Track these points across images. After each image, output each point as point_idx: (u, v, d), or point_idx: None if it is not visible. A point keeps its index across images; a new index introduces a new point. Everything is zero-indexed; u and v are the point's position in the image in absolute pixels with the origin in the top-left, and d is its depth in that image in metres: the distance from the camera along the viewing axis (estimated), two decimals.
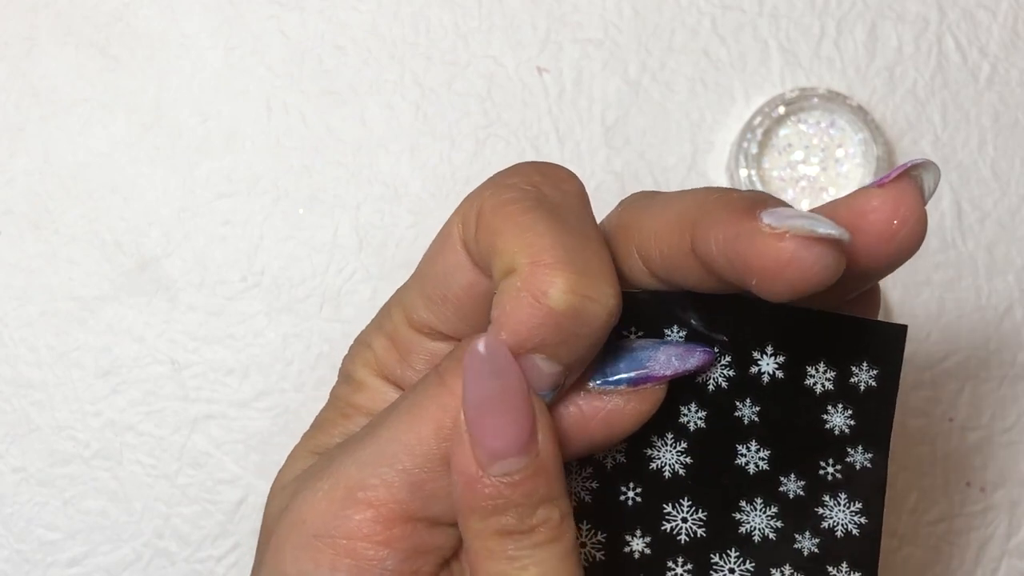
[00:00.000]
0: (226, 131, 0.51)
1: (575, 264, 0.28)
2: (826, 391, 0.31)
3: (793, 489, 0.32)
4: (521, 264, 0.28)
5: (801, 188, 0.51)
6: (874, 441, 0.32)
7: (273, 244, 0.51)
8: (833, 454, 0.31)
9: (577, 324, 0.28)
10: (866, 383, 0.31)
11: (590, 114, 0.51)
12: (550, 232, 0.28)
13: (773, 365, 0.31)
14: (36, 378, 0.50)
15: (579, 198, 0.31)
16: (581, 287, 0.28)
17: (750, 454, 0.32)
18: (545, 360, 0.28)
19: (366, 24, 0.51)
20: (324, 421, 0.35)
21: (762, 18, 0.51)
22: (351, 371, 0.34)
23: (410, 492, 0.30)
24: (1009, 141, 0.52)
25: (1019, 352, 0.52)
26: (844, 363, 0.31)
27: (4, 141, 0.50)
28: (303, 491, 0.31)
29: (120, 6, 0.51)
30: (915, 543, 0.51)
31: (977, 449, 0.52)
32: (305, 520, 0.31)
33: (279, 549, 0.31)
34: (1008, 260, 0.52)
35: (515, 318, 0.28)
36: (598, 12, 0.51)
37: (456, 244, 0.31)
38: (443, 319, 0.32)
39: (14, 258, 0.50)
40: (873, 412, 0.32)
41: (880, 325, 0.31)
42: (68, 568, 0.50)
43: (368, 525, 0.30)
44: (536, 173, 0.30)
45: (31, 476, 0.50)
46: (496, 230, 0.29)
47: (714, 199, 0.29)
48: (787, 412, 0.31)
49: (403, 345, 0.33)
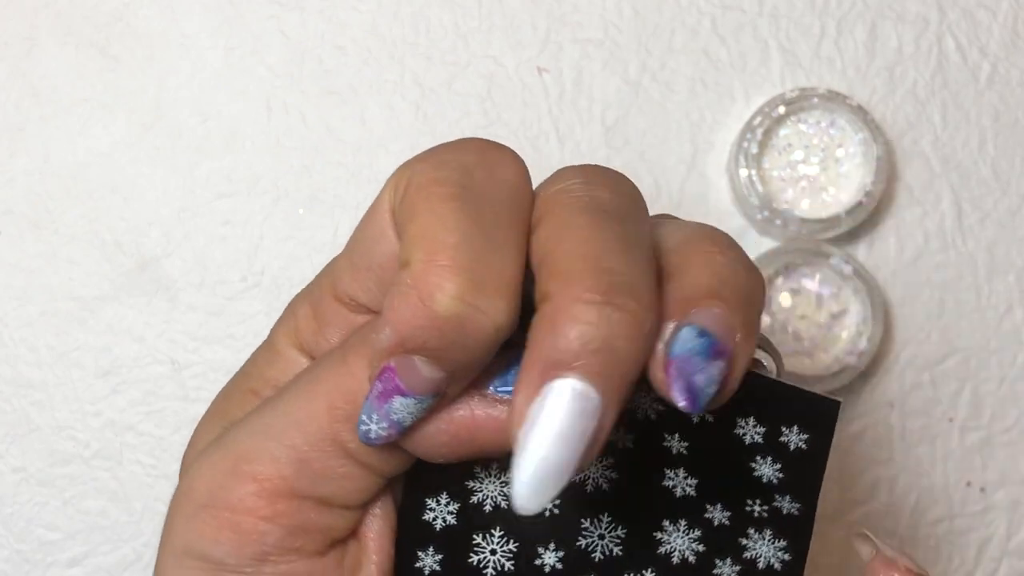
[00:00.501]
0: (226, 131, 0.51)
1: (472, 270, 0.27)
2: (755, 443, 0.31)
3: (719, 518, 0.31)
4: (416, 260, 0.27)
5: (801, 188, 0.51)
6: (802, 496, 0.31)
7: (273, 244, 0.51)
8: (760, 496, 0.31)
9: (461, 334, 0.27)
10: (796, 444, 0.31)
11: (590, 114, 0.51)
12: (459, 229, 0.27)
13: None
14: (36, 378, 0.50)
15: (511, 190, 0.29)
16: (471, 295, 0.27)
17: (677, 479, 0.31)
18: (426, 363, 0.27)
19: (366, 24, 0.51)
20: (237, 390, 0.33)
21: (762, 18, 0.51)
22: (274, 337, 0.33)
23: (296, 469, 0.30)
24: (1009, 141, 0.52)
25: (1019, 352, 0.52)
26: (775, 423, 0.31)
27: (4, 141, 0.50)
28: (197, 460, 0.31)
29: (120, 6, 0.51)
30: (915, 543, 0.51)
31: (977, 449, 0.52)
32: (194, 489, 0.30)
33: (171, 518, 0.31)
34: (1008, 260, 0.52)
35: (399, 316, 0.27)
36: (598, 12, 0.51)
37: (385, 212, 0.30)
38: (365, 289, 0.31)
39: (14, 258, 0.50)
40: (802, 471, 0.31)
41: (815, 397, 0.30)
42: (68, 568, 0.50)
43: (251, 499, 0.30)
44: (474, 154, 0.29)
45: (31, 476, 0.50)
46: (412, 211, 0.28)
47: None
48: (716, 452, 0.31)
49: (323, 315, 0.32)
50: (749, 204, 0.50)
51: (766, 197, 0.50)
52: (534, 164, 0.51)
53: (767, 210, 0.50)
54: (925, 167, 0.51)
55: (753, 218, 0.50)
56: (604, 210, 0.28)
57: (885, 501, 0.51)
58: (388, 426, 0.28)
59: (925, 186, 0.51)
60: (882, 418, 0.51)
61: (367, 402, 0.28)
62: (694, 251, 0.29)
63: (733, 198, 0.51)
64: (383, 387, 0.28)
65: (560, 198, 0.29)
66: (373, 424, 0.28)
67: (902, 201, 0.51)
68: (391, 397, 0.28)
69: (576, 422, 0.26)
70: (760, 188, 0.50)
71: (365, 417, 0.29)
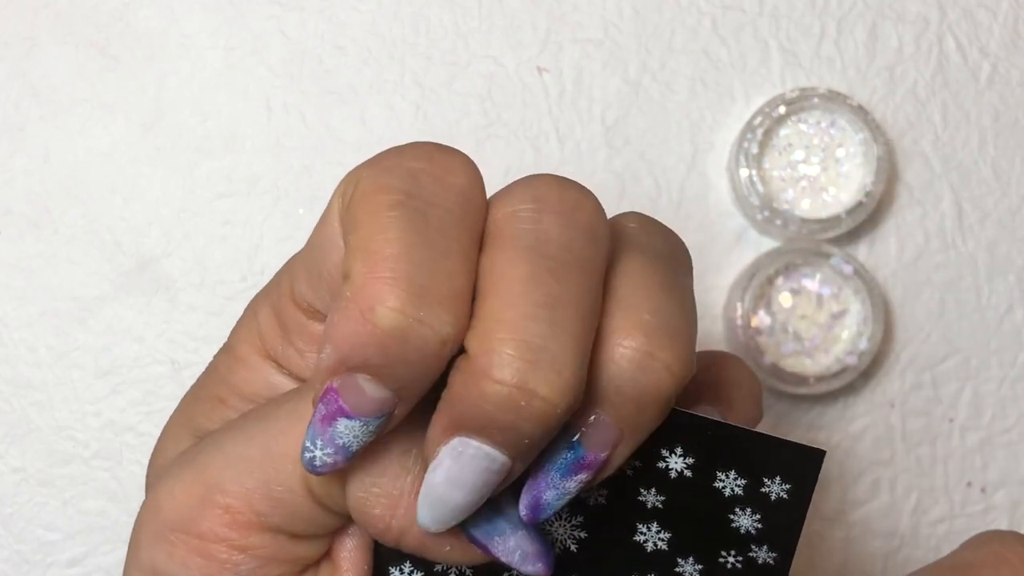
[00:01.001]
0: (226, 131, 0.51)
1: (414, 282, 0.26)
2: (735, 495, 0.30)
3: (689, 571, 0.31)
4: (357, 272, 0.26)
5: (801, 188, 0.51)
6: (780, 545, 0.30)
7: (273, 244, 0.51)
8: (736, 547, 0.30)
9: (404, 348, 0.26)
10: (777, 495, 0.30)
11: (590, 114, 0.51)
12: (401, 239, 0.26)
13: (682, 464, 0.30)
14: (36, 378, 0.50)
15: (460, 197, 0.28)
16: (412, 308, 0.25)
17: (650, 533, 0.30)
18: (370, 382, 0.26)
19: (366, 24, 0.51)
20: (203, 396, 0.32)
21: (762, 18, 0.51)
22: (234, 343, 0.32)
23: (270, 506, 0.29)
24: (1010, 141, 0.52)
25: (1020, 352, 0.52)
26: (756, 475, 0.30)
27: (4, 141, 0.50)
28: (166, 476, 0.30)
29: (120, 6, 0.51)
30: (915, 544, 0.51)
31: (978, 449, 0.52)
32: (162, 508, 0.29)
33: (137, 531, 0.30)
34: (1009, 260, 0.52)
35: (339, 332, 0.26)
36: (598, 12, 0.51)
37: (334, 219, 0.29)
38: (319, 296, 0.30)
39: (14, 258, 0.50)
40: (782, 520, 0.30)
41: (798, 448, 0.30)
42: (68, 568, 0.50)
43: (223, 530, 0.29)
44: (422, 159, 0.28)
45: (31, 476, 0.50)
46: (355, 220, 0.27)
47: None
48: (693, 505, 0.30)
49: (285, 321, 0.31)
50: (749, 204, 0.50)
51: (766, 197, 0.50)
52: (534, 164, 0.51)
53: (767, 210, 0.50)
54: (925, 167, 0.51)
55: (753, 218, 0.50)
56: (547, 256, 0.27)
57: (885, 501, 0.51)
58: (334, 452, 0.27)
59: (925, 186, 0.51)
60: (882, 418, 0.51)
61: (310, 426, 0.27)
62: (613, 330, 0.27)
63: (733, 198, 0.51)
64: (326, 409, 0.27)
65: (506, 227, 0.27)
66: (318, 451, 0.27)
67: (902, 201, 0.51)
68: (335, 420, 0.27)
69: (479, 476, 0.27)
70: (760, 188, 0.50)
71: (309, 443, 0.27)
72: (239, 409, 0.32)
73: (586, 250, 0.27)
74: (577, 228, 0.27)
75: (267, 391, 0.31)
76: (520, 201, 0.28)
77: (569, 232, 0.27)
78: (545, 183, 0.28)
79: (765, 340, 0.50)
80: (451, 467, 0.26)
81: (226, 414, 0.32)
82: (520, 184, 0.29)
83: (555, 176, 0.29)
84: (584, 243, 0.27)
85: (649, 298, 0.28)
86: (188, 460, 0.30)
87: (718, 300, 0.51)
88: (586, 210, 0.28)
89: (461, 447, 0.26)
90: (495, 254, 0.27)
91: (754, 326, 0.50)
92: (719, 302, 0.51)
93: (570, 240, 0.27)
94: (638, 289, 0.28)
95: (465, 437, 0.26)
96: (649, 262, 0.29)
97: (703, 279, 0.51)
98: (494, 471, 0.27)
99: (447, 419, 0.26)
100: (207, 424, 0.32)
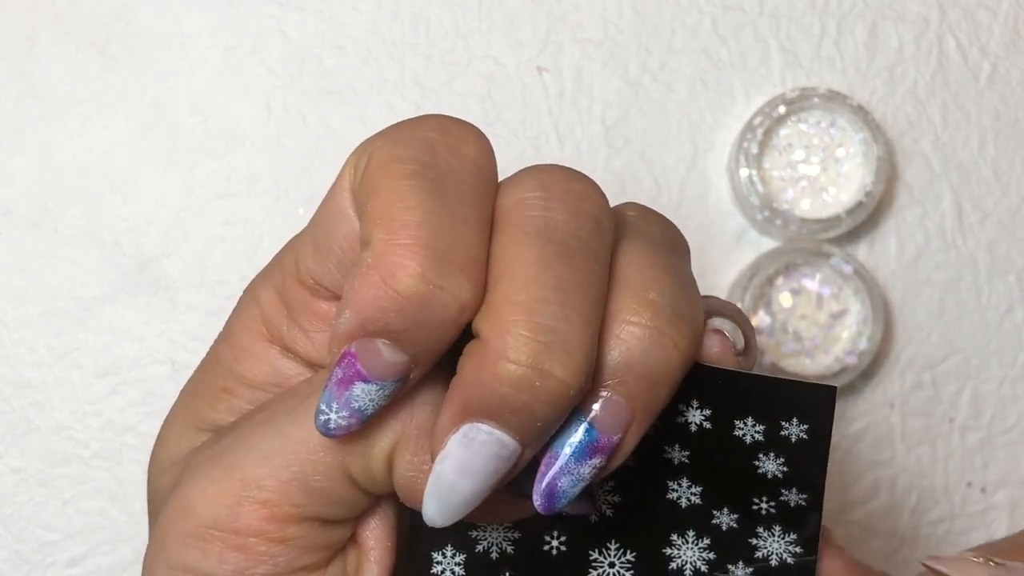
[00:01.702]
0: (226, 131, 0.51)
1: (434, 248, 0.26)
2: (756, 442, 0.31)
3: (726, 522, 0.31)
4: (377, 239, 0.26)
5: (801, 188, 0.51)
6: (808, 486, 0.31)
7: (273, 244, 0.51)
8: (767, 493, 0.31)
9: (424, 314, 0.26)
10: (797, 435, 0.31)
11: (590, 114, 0.51)
12: (420, 207, 0.26)
13: (700, 417, 0.30)
14: (36, 378, 0.50)
15: (474, 167, 0.28)
16: (433, 274, 0.26)
17: (681, 489, 0.31)
18: (388, 346, 0.27)
19: (366, 24, 0.51)
20: (206, 389, 0.32)
21: (762, 18, 0.51)
22: (236, 331, 0.32)
23: (308, 496, 0.29)
24: (1010, 141, 0.52)
25: (1020, 352, 0.52)
26: (773, 419, 0.30)
27: (4, 141, 0.50)
28: (194, 476, 0.30)
29: (120, 6, 0.51)
30: (916, 544, 0.51)
31: (978, 449, 0.52)
32: (195, 508, 0.29)
33: (165, 532, 0.30)
34: (1009, 260, 0.52)
35: (360, 297, 0.26)
36: (598, 12, 0.51)
37: (345, 191, 0.29)
38: (327, 271, 0.30)
39: (14, 258, 0.50)
40: (806, 461, 0.31)
41: (808, 386, 0.30)
42: (67, 568, 0.50)
43: (261, 524, 0.29)
44: (436, 130, 0.28)
45: (30, 476, 0.50)
46: (372, 189, 0.27)
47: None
48: (718, 456, 0.31)
49: (291, 301, 0.31)
50: (749, 204, 0.50)
51: (766, 197, 0.50)
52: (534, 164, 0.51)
53: (767, 210, 0.50)
54: (925, 167, 0.51)
55: (753, 218, 0.50)
56: (555, 241, 0.27)
57: (885, 501, 0.51)
58: (349, 415, 0.27)
59: (925, 186, 0.51)
60: (882, 418, 0.51)
61: (326, 390, 0.27)
62: (620, 309, 0.28)
63: (733, 198, 0.51)
64: (343, 373, 0.27)
65: (515, 214, 0.28)
66: (333, 414, 0.27)
67: (902, 201, 0.51)
68: (352, 383, 0.27)
69: (489, 463, 0.27)
70: (760, 188, 0.50)
71: (324, 406, 0.27)
72: (248, 398, 0.32)
73: (593, 237, 0.28)
74: (583, 216, 0.28)
75: (275, 377, 0.32)
76: (528, 189, 0.28)
77: (576, 220, 0.28)
78: (551, 173, 0.29)
79: (765, 340, 0.50)
80: (461, 456, 0.27)
81: (234, 404, 0.32)
82: (527, 173, 0.29)
83: (561, 166, 0.29)
84: (591, 230, 0.28)
85: (655, 279, 0.28)
86: (213, 459, 0.30)
87: None
88: (592, 199, 0.29)
89: (472, 433, 0.27)
90: (505, 239, 0.27)
91: (754, 326, 0.50)
92: None
93: (577, 227, 0.28)
94: (643, 271, 0.28)
95: (476, 423, 0.27)
96: (651, 247, 0.29)
97: (703, 279, 0.51)
98: (504, 457, 0.27)
99: (458, 405, 0.27)
100: (214, 416, 0.32)
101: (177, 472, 0.31)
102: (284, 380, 0.32)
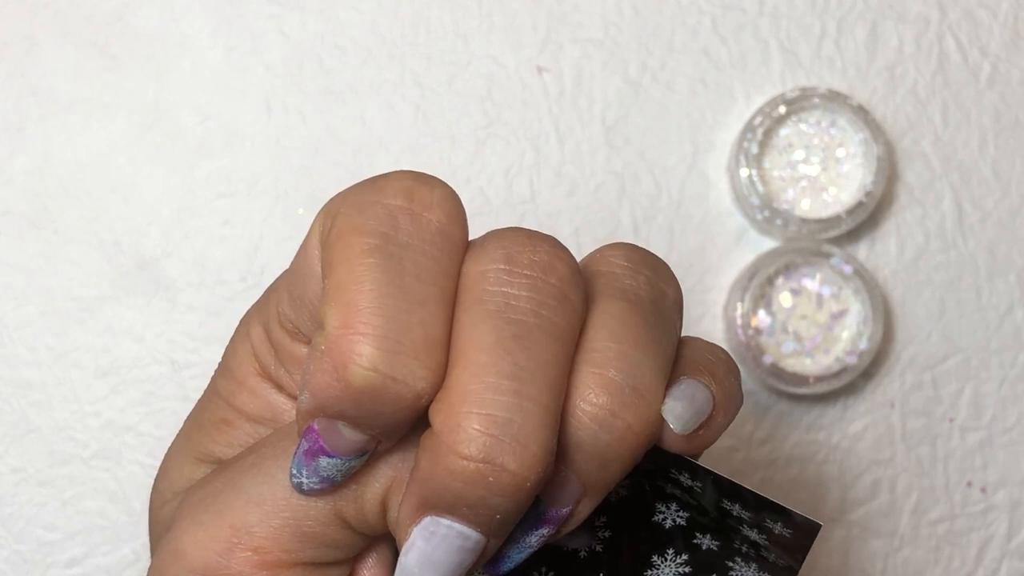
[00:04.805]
0: (226, 131, 0.51)
1: (387, 336, 0.25)
2: (741, 517, 0.30)
3: (707, 544, 0.30)
4: (331, 325, 0.26)
5: (801, 188, 0.51)
6: (791, 554, 0.30)
7: (273, 244, 0.51)
8: (748, 542, 0.30)
9: (378, 403, 0.26)
10: (780, 531, 0.30)
11: (590, 114, 0.51)
12: (376, 290, 0.26)
13: (691, 482, 0.30)
14: (35, 378, 0.50)
15: (439, 236, 0.27)
16: (385, 365, 0.25)
17: (669, 511, 0.31)
18: (347, 428, 0.26)
19: (366, 24, 0.51)
20: (207, 421, 0.32)
21: (763, 18, 0.51)
22: (232, 364, 0.32)
23: (300, 541, 0.29)
24: (1010, 141, 0.52)
25: (1020, 352, 0.52)
26: (760, 516, 0.30)
27: (4, 141, 0.50)
28: (185, 519, 0.29)
29: (120, 6, 0.51)
30: (916, 543, 0.51)
31: (978, 449, 0.52)
32: (186, 552, 0.29)
33: (161, 574, 0.29)
34: (1009, 260, 0.52)
35: (316, 382, 0.26)
36: (598, 12, 0.51)
37: (315, 247, 0.28)
38: (302, 321, 0.30)
39: (14, 258, 0.50)
40: (787, 551, 0.30)
41: (798, 516, 0.29)
42: (67, 568, 0.50)
43: (252, 570, 0.28)
44: (401, 196, 0.27)
45: (30, 476, 0.50)
46: (330, 262, 0.27)
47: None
48: (708, 507, 0.30)
49: (275, 341, 0.31)
50: (749, 204, 0.50)
51: (766, 197, 0.50)
52: (534, 164, 0.51)
53: (767, 210, 0.50)
54: (926, 167, 0.51)
55: (753, 218, 0.50)
56: (514, 322, 0.26)
57: (886, 501, 0.51)
58: (319, 481, 0.28)
59: (926, 186, 0.51)
60: (883, 418, 0.51)
61: (295, 456, 0.27)
62: (579, 386, 0.27)
63: (733, 198, 0.51)
64: (308, 446, 0.27)
65: (476, 288, 0.27)
66: (304, 478, 0.28)
67: (903, 201, 0.51)
68: (317, 456, 0.27)
69: (452, 556, 0.27)
70: (760, 188, 0.50)
71: (295, 471, 0.28)
72: (247, 431, 0.32)
73: (556, 314, 0.27)
74: (547, 292, 0.27)
75: (269, 412, 0.31)
76: (491, 261, 0.27)
77: (539, 296, 0.27)
78: (517, 241, 0.28)
79: (765, 340, 0.50)
80: (423, 548, 0.26)
81: (234, 436, 0.32)
82: (493, 240, 0.28)
83: (527, 232, 0.28)
84: (554, 306, 0.27)
85: (619, 354, 0.27)
86: (205, 503, 0.30)
87: (718, 300, 0.51)
88: (557, 271, 0.27)
89: (433, 527, 0.26)
90: (463, 318, 0.27)
91: (754, 326, 0.50)
92: (719, 302, 0.51)
93: (539, 304, 0.27)
94: (609, 344, 0.27)
95: (436, 516, 0.26)
96: (626, 311, 0.28)
97: (703, 279, 0.51)
98: (468, 549, 0.27)
99: (416, 499, 0.26)
100: (214, 448, 0.32)
101: (178, 504, 0.31)
102: (279, 415, 0.31)
